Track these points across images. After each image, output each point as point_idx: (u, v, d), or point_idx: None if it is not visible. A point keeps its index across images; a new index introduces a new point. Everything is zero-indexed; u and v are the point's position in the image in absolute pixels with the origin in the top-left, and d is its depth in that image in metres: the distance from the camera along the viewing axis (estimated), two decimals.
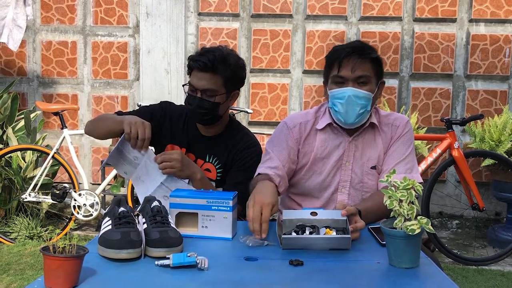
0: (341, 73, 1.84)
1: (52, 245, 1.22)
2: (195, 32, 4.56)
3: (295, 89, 4.55)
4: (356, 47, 1.87)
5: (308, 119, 1.98)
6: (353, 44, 1.91)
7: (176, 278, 1.28)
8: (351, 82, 1.84)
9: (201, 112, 1.98)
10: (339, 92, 1.85)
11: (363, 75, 1.84)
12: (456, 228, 4.40)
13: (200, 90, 1.97)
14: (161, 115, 2.09)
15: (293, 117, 2.01)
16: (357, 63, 1.83)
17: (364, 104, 1.84)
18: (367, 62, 1.85)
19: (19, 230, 3.86)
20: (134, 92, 4.65)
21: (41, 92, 4.71)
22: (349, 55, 1.83)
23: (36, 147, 4.00)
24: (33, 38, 4.67)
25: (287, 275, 1.32)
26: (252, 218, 1.54)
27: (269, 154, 1.94)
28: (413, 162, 1.94)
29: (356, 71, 1.83)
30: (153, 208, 1.52)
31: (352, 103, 1.83)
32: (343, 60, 1.83)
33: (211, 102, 1.98)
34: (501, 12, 4.38)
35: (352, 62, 1.83)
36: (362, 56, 1.84)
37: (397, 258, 1.38)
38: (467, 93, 4.46)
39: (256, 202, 1.58)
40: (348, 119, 1.85)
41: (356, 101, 1.83)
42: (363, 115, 1.86)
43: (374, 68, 1.87)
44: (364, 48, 1.88)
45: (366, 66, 1.85)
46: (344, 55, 1.83)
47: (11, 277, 3.15)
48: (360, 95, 1.83)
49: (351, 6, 4.46)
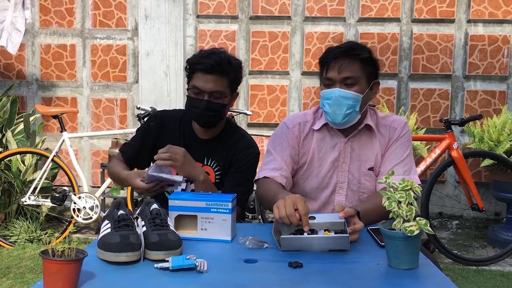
0: (328, 75, 1.86)
1: (52, 248, 1.22)
2: (194, 34, 4.56)
3: (294, 91, 4.56)
4: (346, 48, 1.88)
5: (307, 120, 1.99)
6: (344, 45, 1.92)
7: (175, 281, 1.28)
8: (338, 83, 1.85)
9: (209, 115, 1.98)
10: (328, 93, 1.87)
11: (350, 76, 1.85)
12: (455, 229, 4.40)
13: (207, 93, 1.97)
14: (156, 128, 2.11)
15: (292, 118, 2.03)
16: (343, 64, 1.84)
17: (352, 105, 1.85)
18: (355, 63, 1.85)
19: (19, 233, 3.86)
20: (133, 95, 4.66)
21: (40, 95, 4.71)
22: (337, 57, 1.85)
23: (35, 150, 4.00)
24: (32, 42, 4.67)
25: (287, 277, 1.32)
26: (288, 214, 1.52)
27: (272, 154, 1.95)
28: (411, 164, 1.94)
29: (342, 72, 1.84)
30: (152, 211, 1.52)
31: (339, 104, 1.84)
32: (331, 62, 1.85)
33: (220, 104, 1.98)
34: (499, 13, 4.38)
35: (338, 64, 1.84)
36: (350, 57, 1.85)
37: (396, 259, 1.38)
38: (466, 94, 4.47)
39: (286, 199, 1.56)
40: (335, 119, 1.87)
41: (343, 101, 1.84)
42: (350, 115, 1.87)
43: (364, 69, 1.87)
44: (354, 48, 1.88)
45: (354, 67, 1.85)
46: (332, 57, 1.85)
47: (11, 281, 3.15)
48: (347, 96, 1.84)
49: (349, 8, 4.47)
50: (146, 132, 2.13)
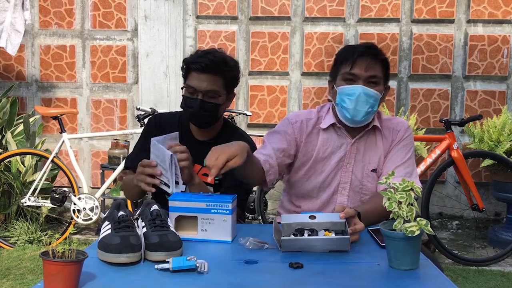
0: (353, 70, 1.85)
1: (52, 249, 1.22)
2: (194, 35, 4.56)
3: (294, 91, 4.56)
4: (370, 47, 1.89)
5: (311, 117, 1.98)
6: (367, 44, 1.93)
7: (175, 282, 1.28)
8: (362, 80, 1.84)
9: (203, 114, 1.97)
10: (350, 88, 1.85)
11: (375, 75, 1.85)
12: (456, 229, 4.40)
13: (201, 92, 1.96)
14: (155, 133, 2.09)
15: (296, 114, 2.01)
16: (370, 63, 1.84)
17: (373, 104, 1.85)
18: (378, 63, 1.87)
19: (19, 234, 3.86)
20: (133, 96, 4.66)
21: (40, 96, 4.71)
22: (364, 54, 1.85)
23: (35, 151, 3.99)
24: (32, 43, 4.67)
25: (287, 278, 1.32)
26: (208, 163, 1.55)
27: (264, 143, 1.95)
28: (413, 166, 1.95)
29: (369, 70, 1.84)
30: (153, 212, 1.52)
31: (362, 101, 1.83)
32: (357, 58, 1.84)
33: (213, 104, 1.97)
34: (499, 13, 4.39)
35: (366, 61, 1.84)
36: (375, 57, 1.86)
37: (397, 260, 1.38)
38: (466, 94, 4.47)
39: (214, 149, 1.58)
40: (356, 116, 1.85)
41: (366, 99, 1.83)
42: (369, 114, 1.87)
43: (383, 71, 1.89)
44: (377, 49, 1.90)
45: (378, 67, 1.87)
46: (359, 54, 1.85)
47: (11, 282, 3.15)
48: (370, 94, 1.84)
49: (349, 8, 4.47)
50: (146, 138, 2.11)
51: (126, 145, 4.10)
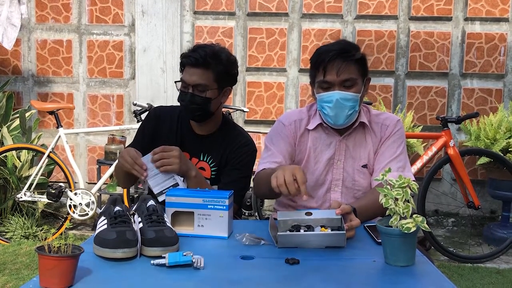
0: (326, 78, 1.84)
1: (48, 244, 1.22)
2: (191, 30, 4.55)
3: (291, 88, 4.55)
4: (340, 49, 1.85)
5: (302, 117, 2.00)
6: (337, 46, 1.88)
7: (172, 277, 1.28)
8: (337, 86, 1.84)
9: (193, 108, 1.99)
10: (327, 96, 1.85)
11: (348, 79, 1.84)
12: (451, 226, 4.42)
13: (191, 86, 1.98)
14: (154, 124, 2.10)
15: (288, 115, 2.03)
16: (341, 67, 1.82)
17: (352, 105, 1.86)
18: (351, 65, 1.84)
19: (15, 229, 3.85)
20: (129, 91, 4.64)
21: (36, 91, 4.69)
22: (333, 59, 1.82)
23: (31, 146, 3.98)
24: (28, 37, 4.65)
25: (283, 274, 1.32)
26: (287, 182, 1.53)
27: (270, 150, 1.95)
28: (405, 160, 1.95)
29: (341, 75, 1.83)
30: (149, 207, 1.52)
31: (340, 106, 1.84)
32: (328, 65, 1.83)
33: (203, 98, 1.98)
34: (496, 11, 4.39)
35: (336, 66, 1.82)
36: (346, 59, 1.83)
37: (393, 256, 1.39)
38: (463, 92, 4.48)
39: (285, 169, 1.57)
40: (338, 121, 1.88)
41: (344, 103, 1.84)
42: (351, 115, 1.88)
43: (359, 69, 1.87)
44: (348, 49, 1.86)
45: (351, 69, 1.84)
46: (328, 60, 1.82)
47: (6, 277, 3.14)
48: (347, 97, 1.84)
49: (347, 5, 4.46)
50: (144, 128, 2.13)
51: (122, 140, 4.09)
